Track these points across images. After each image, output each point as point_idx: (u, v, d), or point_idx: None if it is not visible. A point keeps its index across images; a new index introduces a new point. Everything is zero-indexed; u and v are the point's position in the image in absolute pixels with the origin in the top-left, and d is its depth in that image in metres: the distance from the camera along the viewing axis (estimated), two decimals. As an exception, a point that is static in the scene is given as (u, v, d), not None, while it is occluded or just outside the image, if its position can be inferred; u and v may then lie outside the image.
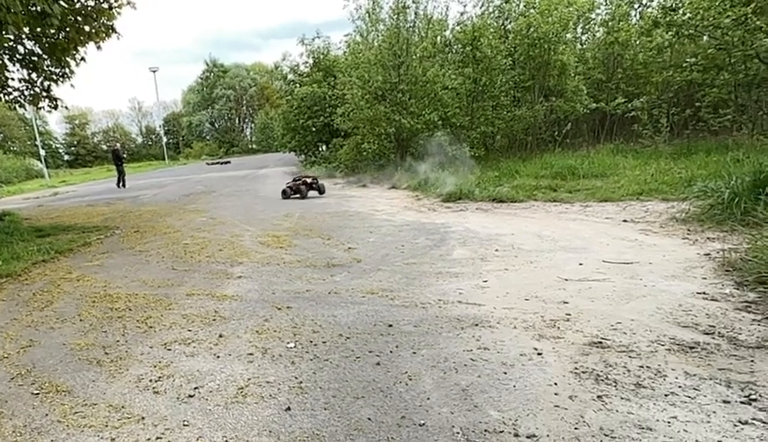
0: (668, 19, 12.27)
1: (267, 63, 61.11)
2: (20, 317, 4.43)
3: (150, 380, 3.03)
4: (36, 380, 3.15)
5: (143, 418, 2.62)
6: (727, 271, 4.29)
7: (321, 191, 12.88)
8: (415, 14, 16.13)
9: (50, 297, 4.96)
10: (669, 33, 12.65)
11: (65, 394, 2.94)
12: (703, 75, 12.11)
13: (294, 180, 13.20)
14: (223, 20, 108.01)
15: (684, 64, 12.37)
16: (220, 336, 3.65)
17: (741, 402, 2.39)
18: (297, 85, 21.92)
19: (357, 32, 18.48)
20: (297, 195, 12.60)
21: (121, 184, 19.95)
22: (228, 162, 37.93)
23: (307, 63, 22.01)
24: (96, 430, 2.55)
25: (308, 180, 12.93)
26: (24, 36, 8.52)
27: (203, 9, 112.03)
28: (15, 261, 6.28)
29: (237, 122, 64.98)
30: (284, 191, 12.85)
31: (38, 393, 2.97)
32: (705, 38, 12.24)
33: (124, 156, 21.99)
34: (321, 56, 21.36)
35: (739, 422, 2.24)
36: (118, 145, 24.14)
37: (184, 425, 2.53)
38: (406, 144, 15.55)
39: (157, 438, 2.43)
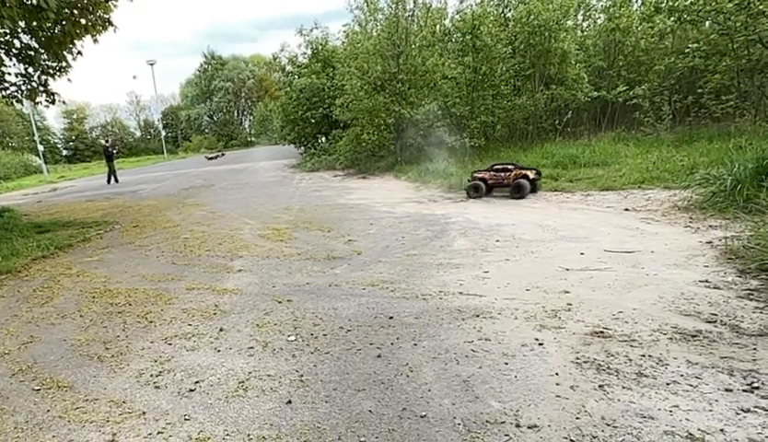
0: (669, 5, 12.12)
1: (265, 55, 60.59)
2: (20, 313, 4.43)
3: (151, 375, 3.03)
4: (37, 376, 3.15)
5: (144, 413, 2.62)
6: (729, 259, 4.26)
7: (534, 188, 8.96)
8: (414, 2, 15.96)
9: (50, 293, 4.96)
10: (671, 19, 12.49)
11: (66, 390, 2.94)
12: (705, 61, 11.95)
13: (494, 170, 9.20)
14: (220, 12, 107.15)
15: (686, 51, 12.23)
16: (221, 330, 3.64)
17: (744, 391, 2.38)
18: (296, 76, 21.74)
19: (356, 22, 18.29)
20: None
21: (112, 180, 19.82)
22: (215, 157, 35.16)
23: (305, 53, 21.84)
24: (97, 425, 2.55)
25: (530, 174, 8.81)
26: (20, 30, 8.46)
27: (199, 1, 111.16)
28: (14, 258, 6.28)
29: (235, 114, 64.68)
30: (475, 187, 9.09)
31: (39, 389, 2.97)
32: (708, 23, 12.08)
33: (114, 151, 21.51)
34: (320, 47, 21.18)
35: (742, 410, 2.24)
36: (108, 140, 23.76)
37: (185, 420, 2.52)
38: (406, 134, 15.47)
39: (159, 433, 2.43)
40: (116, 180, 19.90)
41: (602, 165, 10.03)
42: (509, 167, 9.01)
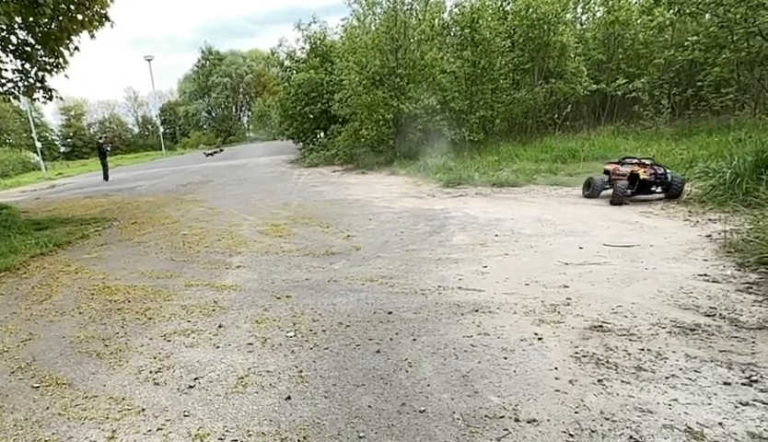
0: (669, -3, 12.10)
1: (263, 50, 60.22)
2: (19, 310, 4.42)
3: (150, 372, 3.03)
4: (36, 374, 3.14)
5: (143, 410, 2.62)
6: (728, 252, 4.27)
7: (673, 190, 6.76)
8: (412, -4, 15.90)
9: (48, 291, 4.95)
10: (671, 11, 12.48)
11: (66, 387, 2.94)
12: (704, 54, 11.95)
13: (622, 163, 7.68)
14: (217, 7, 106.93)
15: (686, 43, 12.22)
16: (220, 326, 3.64)
17: (742, 384, 2.38)
18: (294, 71, 21.65)
19: (354, 16, 18.22)
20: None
21: (105, 177, 19.77)
22: (214, 153, 34.19)
23: (303, 48, 21.73)
24: (96, 422, 2.54)
25: (641, 173, 6.91)
26: (16, 25, 8.40)
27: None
28: (13, 255, 6.26)
29: (233, 110, 64.41)
30: (587, 184, 7.84)
31: (38, 386, 2.97)
32: (707, 16, 12.06)
33: (108, 148, 21.41)
34: (318, 41, 21.07)
35: (740, 403, 2.24)
36: (103, 137, 23.77)
37: (185, 416, 2.52)
38: (405, 129, 15.44)
39: (158, 429, 2.43)
40: (105, 178, 19.79)
41: (602, 159, 10.03)
42: (634, 161, 7.52)
